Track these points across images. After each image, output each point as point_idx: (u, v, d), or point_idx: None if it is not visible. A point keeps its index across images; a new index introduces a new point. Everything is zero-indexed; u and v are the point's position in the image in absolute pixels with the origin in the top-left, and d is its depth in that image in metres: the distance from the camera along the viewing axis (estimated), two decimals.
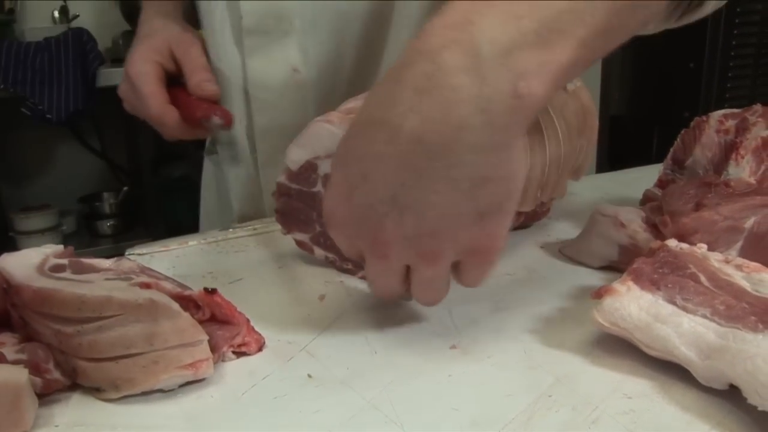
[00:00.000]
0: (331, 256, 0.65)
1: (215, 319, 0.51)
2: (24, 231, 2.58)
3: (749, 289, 0.48)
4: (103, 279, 0.51)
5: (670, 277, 0.48)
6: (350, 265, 0.64)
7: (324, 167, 0.60)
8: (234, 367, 0.50)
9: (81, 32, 2.43)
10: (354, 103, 0.61)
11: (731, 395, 0.43)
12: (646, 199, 0.70)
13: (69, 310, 0.47)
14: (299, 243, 0.66)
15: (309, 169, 0.61)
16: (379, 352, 0.51)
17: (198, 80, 0.80)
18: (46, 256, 0.55)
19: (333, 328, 0.54)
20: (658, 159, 0.78)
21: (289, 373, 0.48)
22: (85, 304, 0.47)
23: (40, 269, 0.52)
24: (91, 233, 2.59)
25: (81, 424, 0.44)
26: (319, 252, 0.65)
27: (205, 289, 0.50)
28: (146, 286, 0.49)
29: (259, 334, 0.52)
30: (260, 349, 0.51)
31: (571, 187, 0.85)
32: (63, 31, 2.45)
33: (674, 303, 0.47)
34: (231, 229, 0.79)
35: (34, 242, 2.51)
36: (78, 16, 2.56)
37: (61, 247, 0.57)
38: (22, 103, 2.45)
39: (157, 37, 0.84)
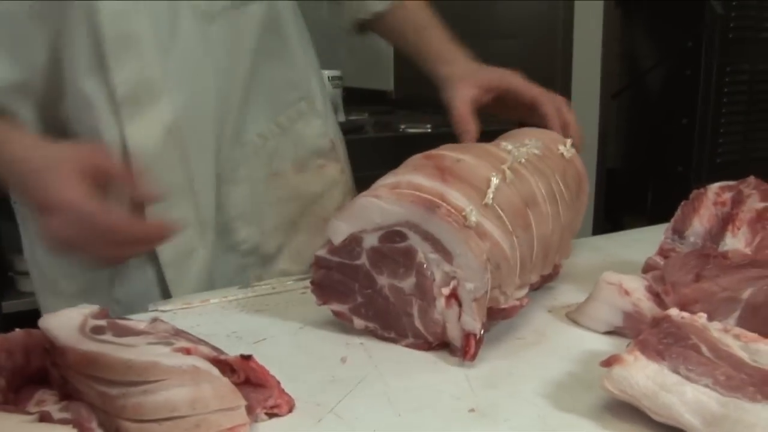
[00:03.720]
0: (371, 325, 0.67)
1: (249, 382, 0.54)
2: (23, 271, 2.60)
3: (747, 360, 0.52)
4: (145, 343, 0.54)
5: (674, 348, 0.52)
6: (392, 333, 0.66)
7: (369, 240, 0.63)
8: (266, 428, 0.53)
9: None
10: (395, 179, 0.64)
11: None
12: (649, 268, 0.74)
13: (115, 374, 0.50)
14: (337, 313, 0.68)
15: (353, 242, 0.64)
16: (402, 415, 0.54)
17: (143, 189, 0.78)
18: (85, 317, 0.57)
19: (357, 390, 0.58)
20: (653, 212, 0.83)
21: None
22: (132, 368, 0.50)
23: (82, 331, 0.55)
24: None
25: None
26: (359, 322, 0.68)
27: (242, 355, 0.54)
28: (187, 351, 0.53)
29: (289, 396, 0.55)
30: (290, 411, 0.54)
31: (575, 250, 0.89)
32: None
33: (678, 373, 0.50)
34: (250, 288, 0.83)
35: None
36: None
37: (97, 307, 0.60)
38: None
39: (65, 156, 0.74)
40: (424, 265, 0.62)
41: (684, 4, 2.30)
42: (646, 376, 0.51)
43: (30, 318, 0.60)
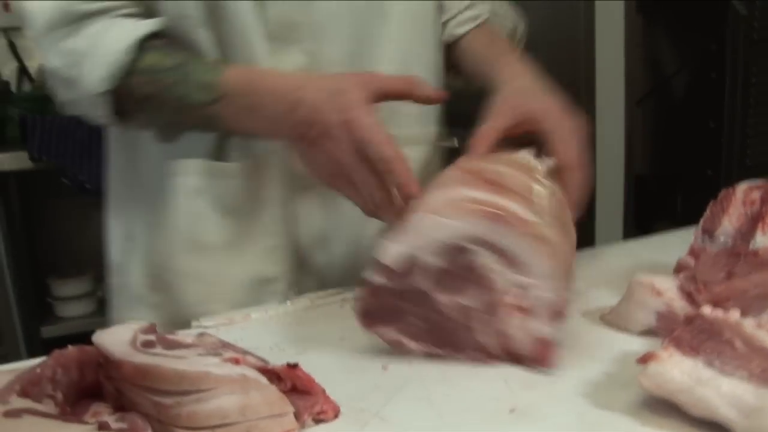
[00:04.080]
0: (425, 345, 0.67)
1: (296, 389, 0.56)
2: (60, 297, 2.66)
3: None
4: (195, 354, 0.56)
5: (708, 343, 0.53)
6: (448, 349, 0.66)
7: (428, 259, 0.63)
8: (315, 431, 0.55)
9: None
10: (447, 194, 0.65)
11: None
12: (680, 268, 0.75)
13: (169, 384, 0.53)
14: (388, 340, 0.68)
15: (408, 263, 0.63)
16: (444, 417, 0.56)
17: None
18: (135, 332, 0.60)
19: (400, 395, 0.60)
20: (683, 217, 0.83)
21: None
22: (185, 378, 0.52)
23: (134, 345, 0.58)
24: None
25: None
26: (411, 344, 0.67)
27: (288, 364, 0.56)
28: (236, 361, 0.55)
29: (335, 402, 0.57)
30: (336, 416, 0.57)
31: (605, 255, 0.91)
32: None
33: (713, 367, 0.52)
34: (289, 302, 0.85)
35: (70, 308, 2.58)
36: None
37: (146, 323, 0.62)
38: (62, 173, 2.54)
39: (355, 80, 0.76)
40: (491, 277, 0.62)
41: (706, 7, 2.30)
42: (681, 371, 0.52)
43: (70, 342, 0.61)
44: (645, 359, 0.54)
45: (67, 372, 0.58)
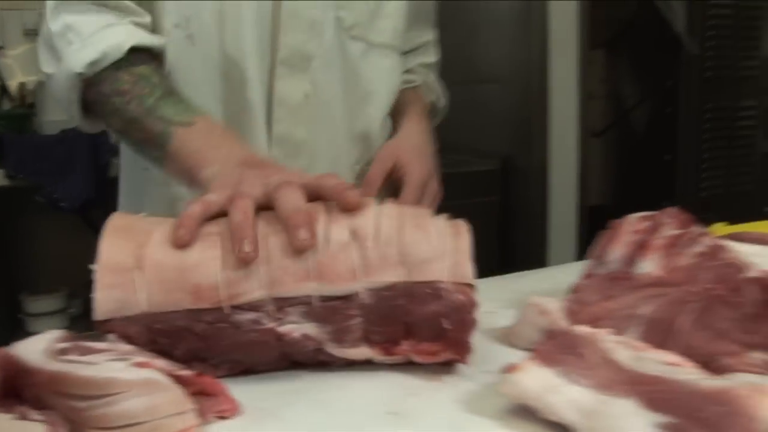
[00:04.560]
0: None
1: (201, 392, 0.62)
2: (33, 313, 2.70)
3: (630, 365, 0.59)
4: (105, 360, 0.61)
5: (564, 356, 0.60)
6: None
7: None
8: (218, 428, 0.61)
9: None
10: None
11: None
12: (572, 291, 0.81)
13: (79, 389, 0.57)
14: None
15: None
16: (334, 417, 0.62)
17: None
18: (49, 341, 0.65)
19: (299, 398, 0.66)
20: None
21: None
22: (94, 384, 0.57)
23: (48, 353, 0.62)
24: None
25: None
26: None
27: (196, 373, 0.62)
28: (143, 365, 0.61)
29: (236, 402, 0.63)
30: (236, 413, 0.63)
31: (526, 279, 0.98)
32: None
33: (563, 376, 0.58)
34: None
35: (43, 324, 2.62)
36: None
37: (62, 332, 0.67)
38: (37, 191, 2.59)
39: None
40: None
41: (662, 45, 2.40)
42: (535, 380, 0.58)
43: None
44: (509, 369, 0.60)
45: None
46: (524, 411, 0.60)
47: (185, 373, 0.62)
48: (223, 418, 0.62)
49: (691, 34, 2.34)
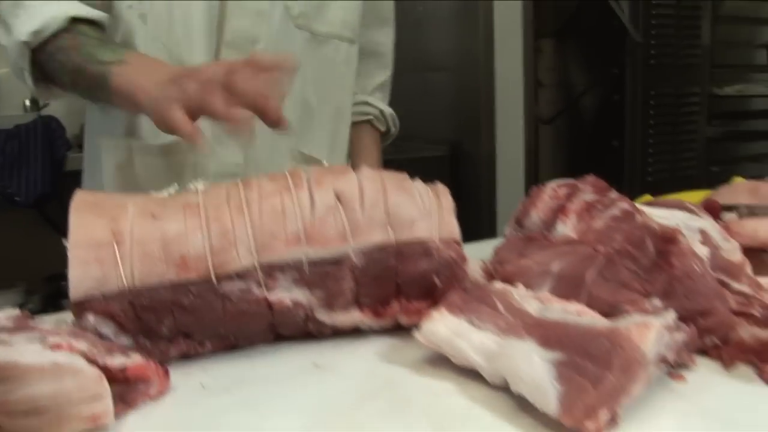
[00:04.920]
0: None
1: (128, 379, 0.60)
2: None
3: (534, 313, 0.64)
4: (24, 341, 0.58)
5: (472, 305, 0.64)
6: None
7: None
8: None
9: (50, 120, 2.59)
10: None
11: (508, 389, 0.58)
12: (494, 253, 0.85)
13: None
14: None
15: None
16: (257, 370, 0.65)
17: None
18: None
19: (230, 356, 0.69)
20: None
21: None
22: None
23: None
24: (57, 312, 2.68)
25: None
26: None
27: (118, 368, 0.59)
28: (57, 347, 0.57)
29: (167, 382, 0.62)
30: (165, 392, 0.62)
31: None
32: (33, 118, 2.60)
33: (471, 323, 0.62)
34: None
35: None
36: (48, 104, 2.72)
37: (16, 311, 0.66)
38: None
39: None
40: None
41: (608, 34, 2.46)
42: (446, 327, 0.62)
43: None
44: (422, 319, 0.64)
45: None
46: (438, 359, 0.64)
47: (110, 362, 0.59)
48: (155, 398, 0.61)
49: (635, 23, 2.40)
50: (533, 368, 0.55)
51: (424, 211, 0.71)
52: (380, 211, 0.69)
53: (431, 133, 2.35)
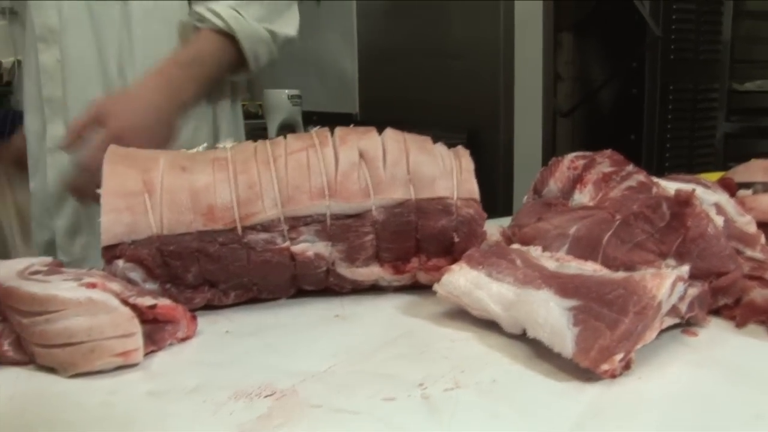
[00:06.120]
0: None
1: (157, 320, 0.62)
2: None
3: (551, 268, 0.65)
4: (60, 280, 0.61)
5: (492, 259, 0.66)
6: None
7: None
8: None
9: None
10: None
11: (525, 338, 0.60)
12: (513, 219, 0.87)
13: (23, 304, 0.58)
14: None
15: None
16: (280, 319, 0.68)
17: None
18: (30, 264, 0.65)
19: (256, 307, 0.71)
20: None
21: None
22: (35, 300, 0.57)
23: (21, 273, 0.63)
24: None
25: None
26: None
27: (148, 306, 0.62)
28: (92, 285, 0.60)
29: (195, 325, 0.65)
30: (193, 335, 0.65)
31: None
32: None
33: (490, 276, 0.64)
34: None
35: None
36: None
37: (49, 259, 0.68)
38: None
39: None
40: None
41: (627, 28, 2.46)
42: (465, 280, 0.64)
43: None
44: (442, 272, 0.66)
45: None
46: (456, 311, 0.66)
47: (140, 303, 0.61)
48: (183, 340, 0.64)
49: (655, 17, 2.41)
50: (550, 313, 0.57)
51: (445, 170, 0.73)
52: (402, 169, 0.71)
53: (450, 121, 2.36)
